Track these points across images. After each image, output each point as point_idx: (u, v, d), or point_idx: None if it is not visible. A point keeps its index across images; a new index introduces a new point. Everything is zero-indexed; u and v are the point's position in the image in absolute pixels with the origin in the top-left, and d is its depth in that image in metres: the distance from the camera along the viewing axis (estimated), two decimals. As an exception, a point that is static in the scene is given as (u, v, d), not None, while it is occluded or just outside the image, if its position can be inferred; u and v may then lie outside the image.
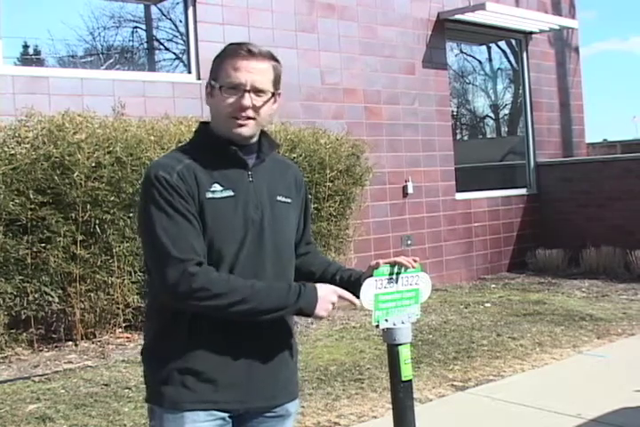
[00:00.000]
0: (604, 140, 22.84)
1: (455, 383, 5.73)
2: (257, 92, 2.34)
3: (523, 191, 12.02)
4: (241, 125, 2.35)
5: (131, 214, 6.69)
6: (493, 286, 10.33)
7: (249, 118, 2.35)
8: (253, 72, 2.33)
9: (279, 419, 2.46)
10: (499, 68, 13.14)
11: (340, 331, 7.46)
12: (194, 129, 2.54)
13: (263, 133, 2.49)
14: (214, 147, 2.38)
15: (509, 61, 12.87)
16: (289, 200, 2.49)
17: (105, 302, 6.85)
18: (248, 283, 2.26)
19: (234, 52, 2.35)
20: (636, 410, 4.94)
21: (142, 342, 2.49)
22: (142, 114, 7.46)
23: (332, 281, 2.57)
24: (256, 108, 2.35)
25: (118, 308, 6.91)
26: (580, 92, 13.22)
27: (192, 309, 2.25)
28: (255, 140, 2.45)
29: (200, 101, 2.22)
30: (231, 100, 2.33)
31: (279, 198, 2.46)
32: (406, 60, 10.39)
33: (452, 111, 11.70)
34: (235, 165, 2.38)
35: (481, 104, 13.27)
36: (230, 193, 2.33)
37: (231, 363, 2.31)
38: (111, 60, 8.66)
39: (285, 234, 2.48)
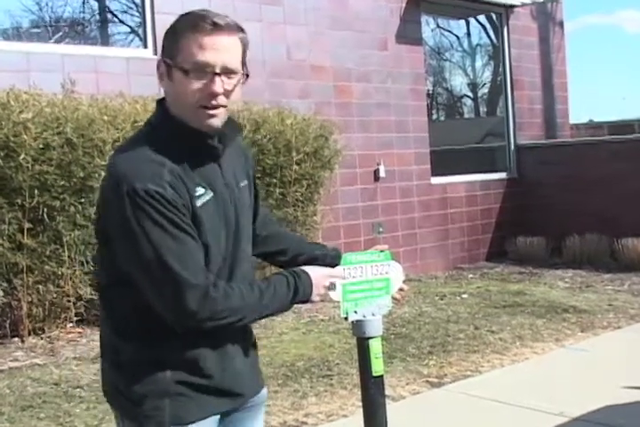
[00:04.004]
0: (590, 120, 23.06)
1: (430, 380, 5.76)
2: (227, 73, 2.14)
3: (502, 175, 12.09)
4: (212, 116, 2.15)
5: (82, 200, 6.64)
6: (471, 275, 10.39)
7: (219, 106, 2.16)
8: (222, 50, 2.12)
9: (254, 408, 2.47)
10: (478, 44, 13.17)
11: (308, 324, 7.47)
12: (150, 109, 2.44)
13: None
14: (186, 138, 2.19)
15: (489, 37, 12.91)
16: (246, 182, 2.41)
17: (54, 295, 6.80)
18: (256, 294, 2.21)
19: (195, 25, 2.10)
20: (621, 408, 4.98)
21: (99, 350, 2.41)
22: (94, 91, 7.38)
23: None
24: (227, 93, 2.15)
25: (69, 301, 6.87)
26: (565, 70, 13.29)
27: (209, 328, 2.17)
28: None
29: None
30: (198, 85, 2.11)
31: (241, 184, 2.37)
32: (378, 34, 10.38)
33: (428, 90, 11.72)
34: (208, 159, 2.23)
35: (458, 82, 13.31)
36: (211, 195, 2.19)
37: (221, 365, 2.29)
38: (60, 33, 8.56)
39: (249, 219, 2.45)
